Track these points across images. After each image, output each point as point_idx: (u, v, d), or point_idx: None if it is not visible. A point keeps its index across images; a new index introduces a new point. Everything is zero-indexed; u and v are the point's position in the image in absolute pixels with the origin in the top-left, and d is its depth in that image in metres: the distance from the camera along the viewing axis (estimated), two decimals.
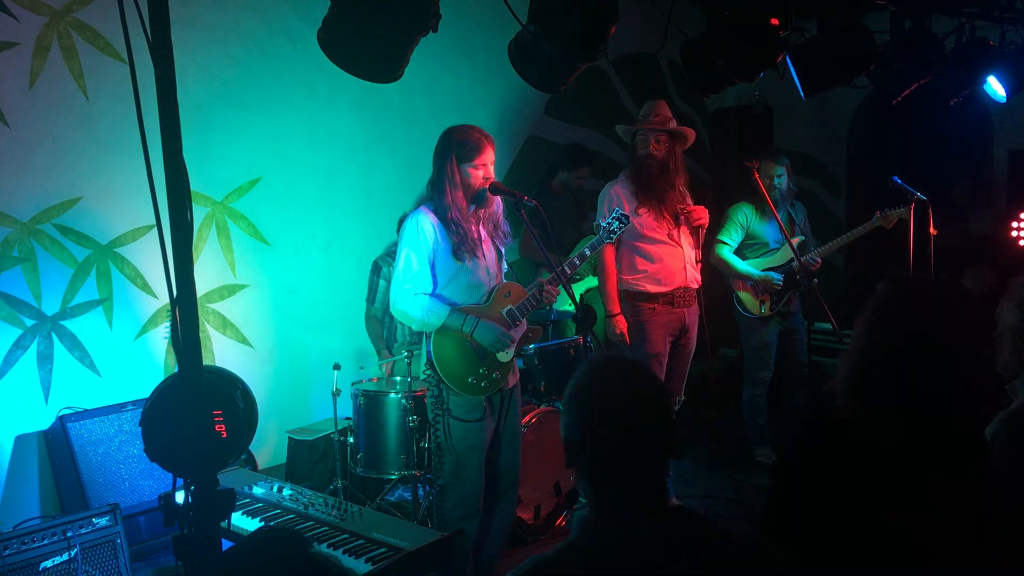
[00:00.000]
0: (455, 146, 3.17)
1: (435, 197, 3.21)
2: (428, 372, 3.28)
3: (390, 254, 4.59)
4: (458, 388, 3.21)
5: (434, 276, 3.23)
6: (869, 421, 1.66)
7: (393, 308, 3.26)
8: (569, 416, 1.56)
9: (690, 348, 4.29)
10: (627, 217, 3.64)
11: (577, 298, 5.11)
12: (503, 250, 3.40)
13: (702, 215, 4.16)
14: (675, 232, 4.14)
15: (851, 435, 1.68)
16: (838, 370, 1.77)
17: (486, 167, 3.20)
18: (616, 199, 4.12)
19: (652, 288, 4.13)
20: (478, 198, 3.22)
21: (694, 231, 4.20)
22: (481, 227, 3.27)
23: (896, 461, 1.62)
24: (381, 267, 4.57)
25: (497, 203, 3.31)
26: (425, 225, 3.17)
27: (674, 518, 1.50)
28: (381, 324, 4.64)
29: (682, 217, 4.15)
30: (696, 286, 4.22)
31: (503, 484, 3.42)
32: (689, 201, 4.26)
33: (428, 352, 3.25)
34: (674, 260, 4.13)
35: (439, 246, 3.18)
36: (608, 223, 3.61)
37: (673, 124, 4.12)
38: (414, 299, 3.17)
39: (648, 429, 1.50)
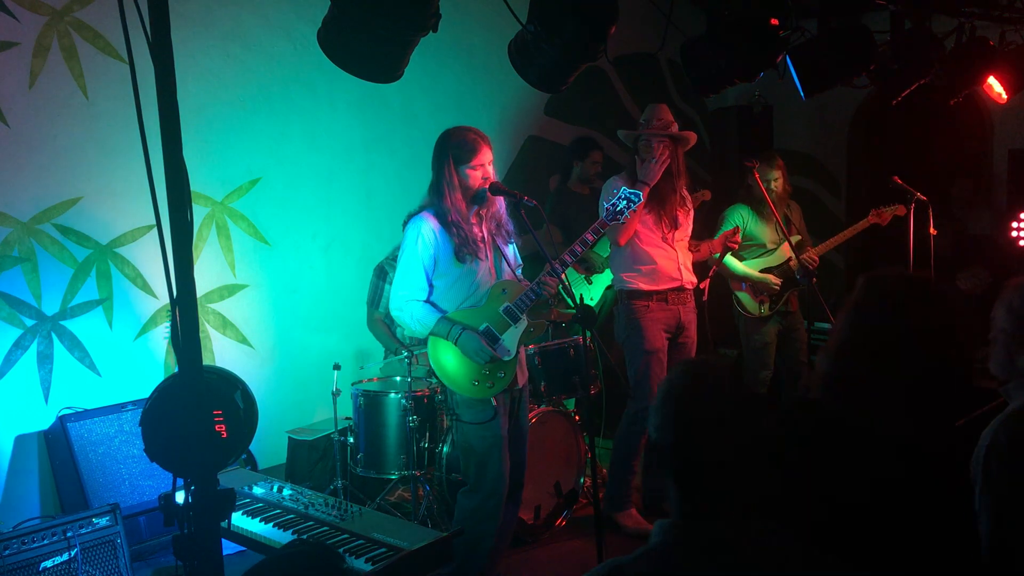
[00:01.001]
0: (451, 148, 3.17)
1: (434, 201, 3.21)
2: (434, 380, 3.29)
3: (395, 259, 4.59)
4: (465, 393, 3.21)
5: (432, 282, 3.24)
6: (847, 417, 1.65)
7: (391, 311, 3.32)
8: (664, 418, 1.50)
9: (691, 345, 4.30)
10: (638, 195, 3.44)
11: (599, 295, 5.14)
12: (509, 249, 3.38)
13: (738, 240, 4.46)
14: (670, 236, 4.16)
15: (828, 430, 1.67)
16: (816, 366, 1.77)
17: (484, 167, 3.19)
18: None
19: (646, 286, 4.14)
20: (478, 199, 3.22)
21: (725, 249, 4.49)
22: (484, 227, 3.27)
23: (873, 457, 1.62)
24: (387, 271, 4.56)
25: (500, 202, 3.31)
26: (425, 231, 3.17)
27: (760, 527, 1.45)
28: (385, 324, 4.64)
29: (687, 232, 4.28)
30: (691, 287, 4.25)
31: (510, 485, 3.41)
32: (689, 204, 4.27)
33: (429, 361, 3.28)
34: (668, 262, 4.15)
35: (440, 251, 3.18)
36: (613, 203, 3.41)
37: (675, 128, 4.11)
38: (406, 305, 3.20)
39: (748, 438, 1.45)
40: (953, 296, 1.73)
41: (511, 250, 3.40)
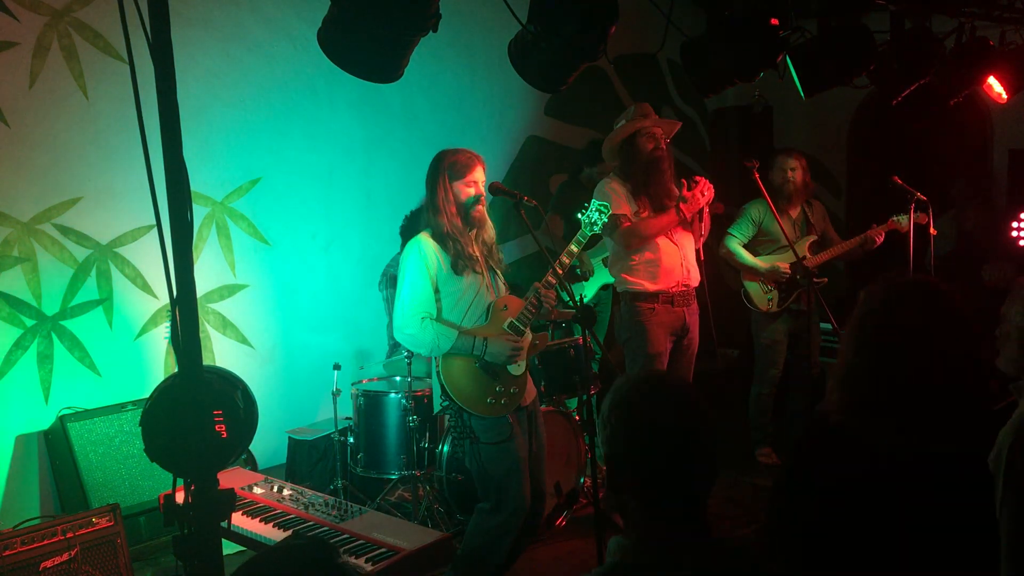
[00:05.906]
0: (447, 166, 3.19)
1: (431, 219, 3.21)
2: (445, 402, 3.22)
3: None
4: (479, 411, 3.15)
5: (438, 300, 3.20)
6: (863, 431, 1.62)
7: (399, 334, 3.18)
8: (613, 431, 1.47)
9: (693, 348, 4.23)
10: (607, 207, 3.35)
11: (591, 294, 5.13)
12: (500, 273, 3.36)
13: (708, 189, 4.02)
14: (671, 231, 4.09)
15: (846, 445, 1.64)
16: (830, 381, 1.73)
17: (476, 184, 3.21)
18: (614, 196, 4.01)
19: (651, 286, 4.05)
20: (471, 218, 3.21)
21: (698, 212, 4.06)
22: (477, 248, 3.25)
23: (890, 470, 1.59)
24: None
25: (490, 227, 3.30)
26: (426, 248, 3.16)
27: (713, 547, 1.44)
28: None
29: (686, 194, 4.02)
30: (695, 284, 4.17)
31: (528, 514, 3.29)
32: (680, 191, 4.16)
33: (440, 382, 3.19)
34: (671, 259, 4.06)
35: (440, 268, 3.16)
36: (588, 215, 3.34)
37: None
38: (422, 324, 3.13)
39: (694, 452, 1.44)
40: (957, 296, 1.67)
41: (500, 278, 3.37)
